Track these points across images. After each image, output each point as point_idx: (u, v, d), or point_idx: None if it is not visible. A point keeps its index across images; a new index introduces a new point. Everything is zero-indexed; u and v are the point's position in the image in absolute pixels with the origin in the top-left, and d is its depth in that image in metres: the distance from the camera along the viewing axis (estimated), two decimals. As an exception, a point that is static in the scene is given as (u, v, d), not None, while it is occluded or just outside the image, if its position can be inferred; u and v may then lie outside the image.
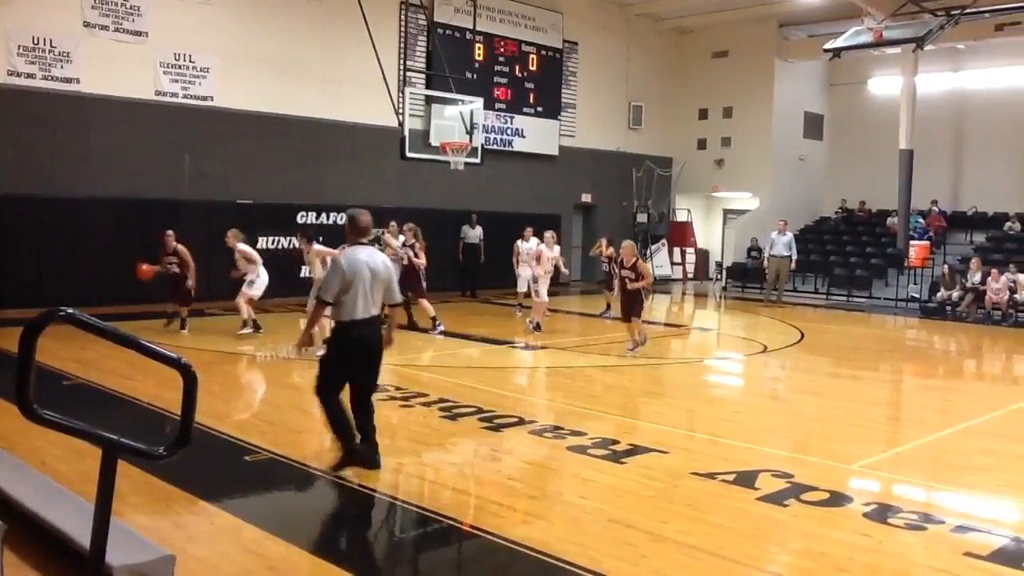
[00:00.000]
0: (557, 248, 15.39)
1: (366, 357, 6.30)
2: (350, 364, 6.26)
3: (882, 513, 5.76)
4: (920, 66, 22.02)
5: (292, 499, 6.25)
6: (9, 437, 6.47)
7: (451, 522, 5.47)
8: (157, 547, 3.12)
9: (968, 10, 18.91)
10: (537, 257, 14.78)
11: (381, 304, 6.41)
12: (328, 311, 6.52)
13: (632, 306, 11.98)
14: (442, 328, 13.54)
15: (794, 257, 20.16)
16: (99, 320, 2.94)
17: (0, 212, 14.24)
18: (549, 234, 15.27)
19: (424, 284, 13.99)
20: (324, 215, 18.29)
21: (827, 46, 21.29)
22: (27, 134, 14.80)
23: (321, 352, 6.82)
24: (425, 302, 13.81)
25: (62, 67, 15.19)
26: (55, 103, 15.08)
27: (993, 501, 6.33)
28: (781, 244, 19.96)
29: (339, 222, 18.57)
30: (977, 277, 18.74)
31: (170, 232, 12.81)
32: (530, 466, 6.88)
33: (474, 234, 19.99)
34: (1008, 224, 22.00)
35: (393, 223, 14.56)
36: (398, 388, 9.25)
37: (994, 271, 18.50)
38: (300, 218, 17.83)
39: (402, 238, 14.13)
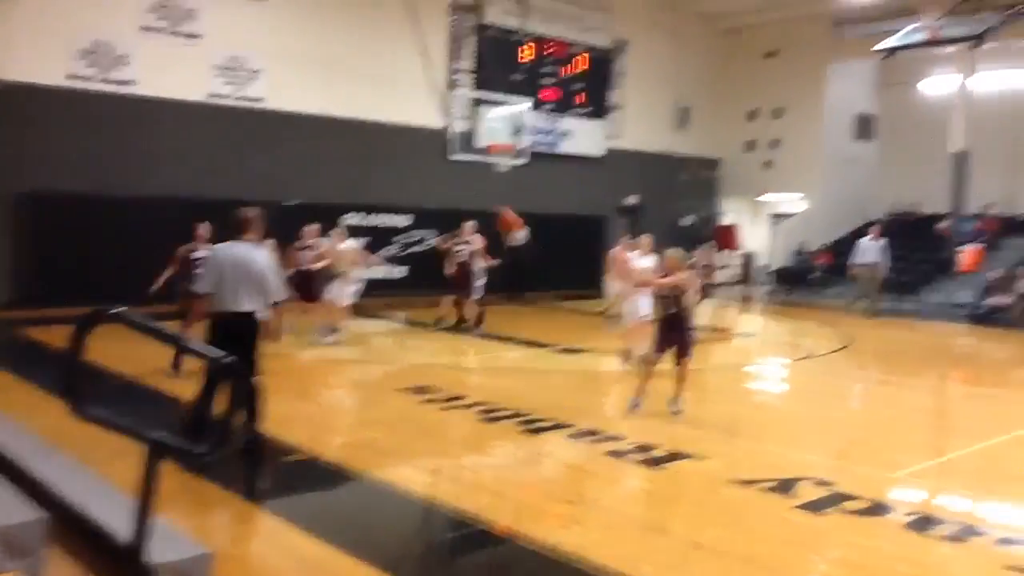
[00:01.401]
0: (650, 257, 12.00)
1: (233, 350, 6.31)
2: None
3: (924, 524, 5.69)
4: (977, 65, 21.56)
5: (330, 500, 6.34)
6: (54, 433, 6.66)
7: (485, 526, 5.51)
8: (195, 545, 3.20)
9: (1029, 7, 18.48)
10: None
11: (265, 298, 6.40)
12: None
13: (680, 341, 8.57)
14: (481, 331, 13.62)
15: (887, 265, 19.11)
16: (148, 319, 3.03)
17: (61, 210, 14.62)
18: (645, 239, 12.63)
19: (476, 285, 14.07)
20: (370, 215, 18.46)
21: (880, 46, 20.96)
22: (84, 135, 15.16)
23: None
24: (470, 303, 13.92)
25: (119, 69, 15.56)
26: (112, 105, 15.42)
27: (1039, 514, 6.23)
28: (873, 251, 19.13)
29: (383, 223, 18.82)
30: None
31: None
32: (568, 470, 6.91)
33: (519, 236, 20.02)
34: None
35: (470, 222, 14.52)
36: (438, 389, 9.33)
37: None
38: (346, 219, 18.05)
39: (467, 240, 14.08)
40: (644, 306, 10.56)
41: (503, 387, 10.19)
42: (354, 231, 14.83)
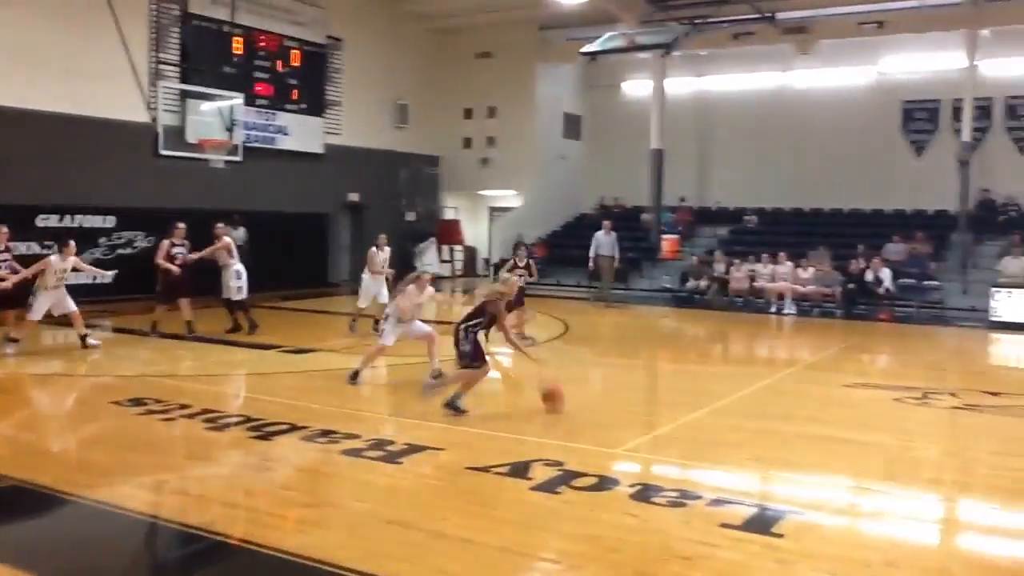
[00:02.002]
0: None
1: None
2: None
3: (646, 493, 6.08)
4: (668, 71, 23.57)
5: (42, 529, 5.71)
6: None
7: (220, 538, 5.21)
8: None
9: (709, 20, 20.40)
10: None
11: None
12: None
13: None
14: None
15: (616, 256, 20.38)
16: None
17: None
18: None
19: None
20: (68, 217, 16.97)
21: (584, 49, 22.25)
22: None
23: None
24: (162, 309, 13.26)
25: None
26: None
27: (742, 474, 6.84)
28: (607, 244, 20.17)
29: (87, 225, 17.35)
30: (721, 267, 20.32)
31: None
32: (303, 473, 6.71)
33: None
34: (747, 218, 23.91)
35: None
36: (157, 401, 8.73)
37: (736, 261, 20.17)
38: (41, 221, 16.47)
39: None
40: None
41: (229, 393, 9.73)
42: (52, 233, 13.57)
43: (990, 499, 6.36)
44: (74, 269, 12.34)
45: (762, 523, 5.50)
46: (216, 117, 19.50)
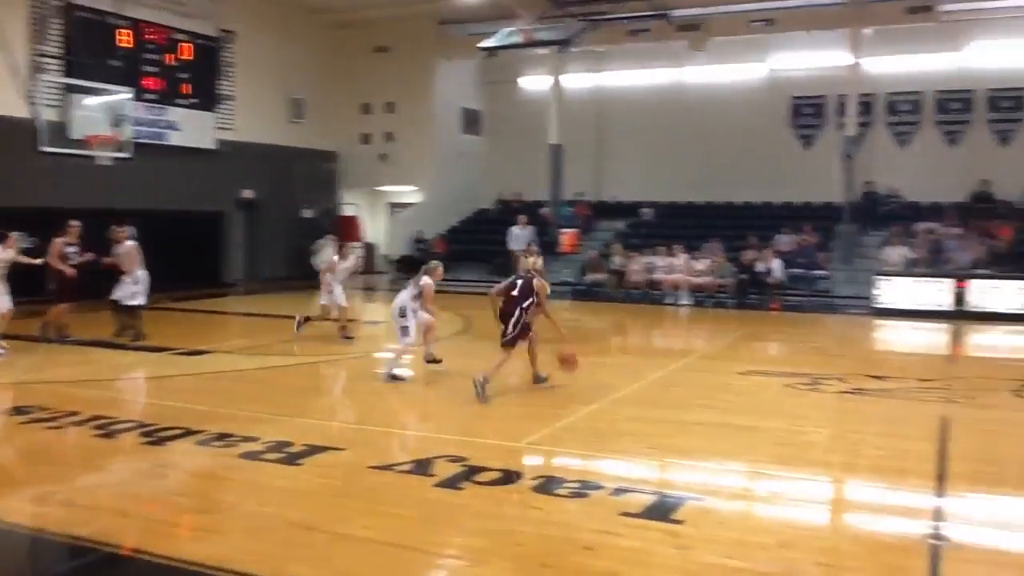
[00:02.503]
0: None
1: None
2: None
3: (548, 486, 6.13)
4: (566, 67, 23.79)
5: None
6: None
7: (111, 549, 5.03)
8: None
9: (606, 16, 20.68)
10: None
11: None
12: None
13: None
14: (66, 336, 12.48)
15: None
16: None
17: None
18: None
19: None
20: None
21: (482, 45, 22.26)
22: None
23: None
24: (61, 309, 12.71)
25: None
26: None
27: (642, 463, 6.98)
28: (521, 238, 20.16)
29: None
30: (619, 260, 20.63)
31: None
32: (199, 479, 6.53)
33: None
34: (643, 211, 24.33)
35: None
36: (43, 408, 8.36)
37: (633, 255, 20.52)
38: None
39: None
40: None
41: (120, 398, 9.40)
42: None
43: (876, 479, 6.63)
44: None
45: (662, 510, 5.62)
46: (103, 112, 18.78)
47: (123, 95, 19.10)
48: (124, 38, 19.74)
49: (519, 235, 20.30)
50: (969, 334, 15.36)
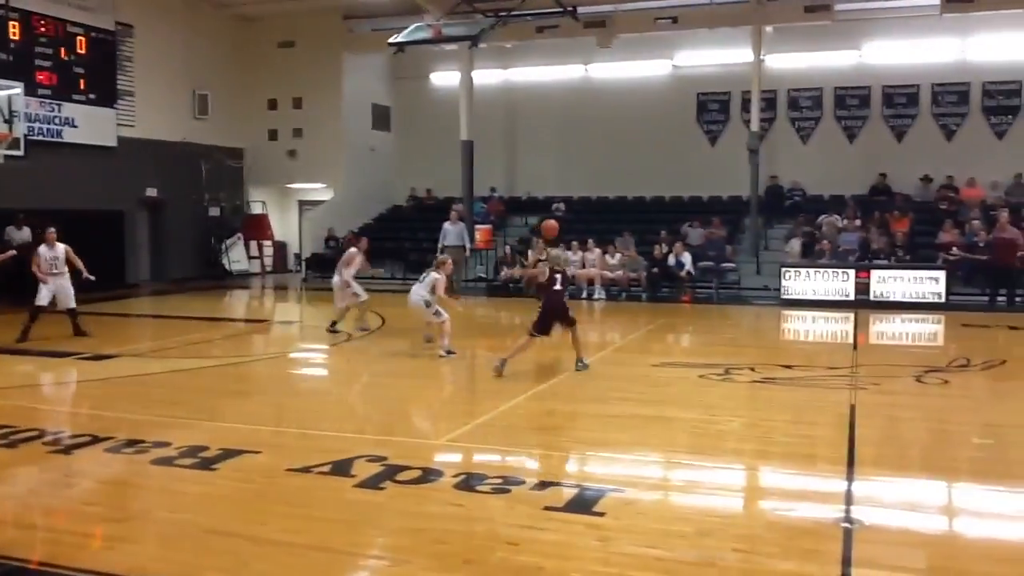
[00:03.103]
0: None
1: None
2: None
3: (470, 482, 6.11)
4: (476, 63, 23.76)
5: None
6: None
7: (18, 563, 4.82)
8: None
9: (514, 13, 20.72)
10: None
11: None
12: None
13: None
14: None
15: (468, 246, 20.34)
16: None
17: None
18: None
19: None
20: None
21: (391, 40, 22.04)
22: None
23: None
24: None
25: None
26: None
27: (561, 456, 7.03)
28: (454, 234, 20.01)
29: None
30: (532, 256, 20.70)
31: None
32: (109, 487, 6.31)
33: (21, 236, 17.84)
34: (555, 207, 24.49)
35: None
36: (-63, 418, 7.97)
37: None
38: None
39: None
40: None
41: (22, 406, 8.99)
42: None
43: (788, 466, 6.81)
44: None
45: (583, 503, 5.66)
46: (-8, 108, 17.97)
47: (14, 90, 18.29)
48: (14, 31, 18.93)
49: (451, 231, 20.17)
50: (872, 323, 15.92)
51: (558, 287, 10.43)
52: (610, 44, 22.98)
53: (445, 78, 26.30)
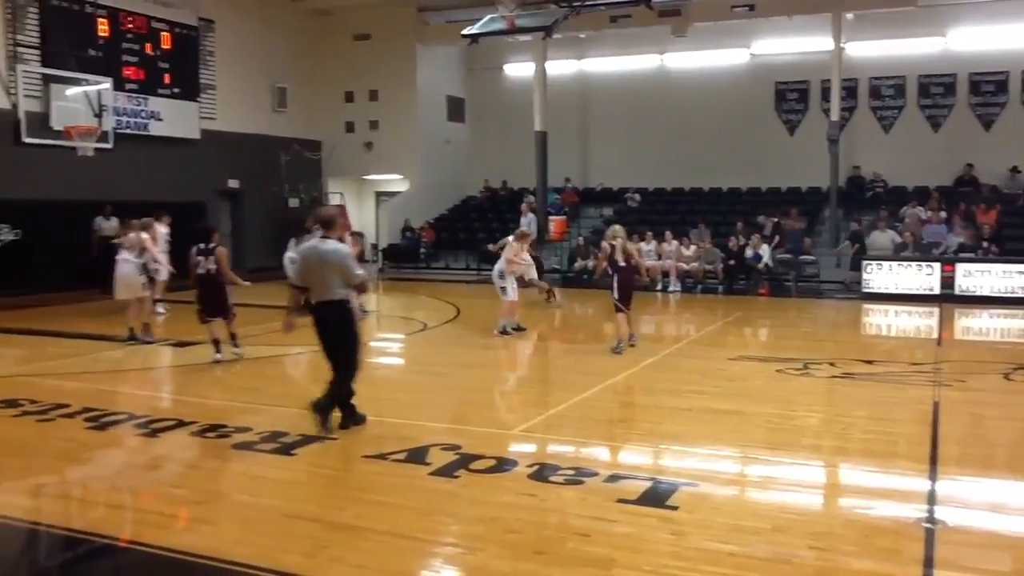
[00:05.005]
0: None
1: None
2: None
3: (543, 473, 6.13)
4: (549, 53, 23.70)
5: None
6: None
7: (106, 540, 5.00)
8: None
9: (588, 3, 20.61)
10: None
11: None
12: None
13: None
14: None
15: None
16: None
17: None
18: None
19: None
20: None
21: (464, 32, 22.12)
22: None
23: None
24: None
25: None
26: None
27: (636, 449, 6.99)
28: (523, 226, 20.16)
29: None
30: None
31: None
32: (193, 470, 6.50)
33: (109, 226, 18.42)
34: (628, 196, 24.33)
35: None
36: (33, 401, 8.30)
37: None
38: None
39: None
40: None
41: (111, 390, 9.32)
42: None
43: (867, 463, 6.66)
44: None
45: (656, 496, 5.63)
46: (83, 102, 18.57)
47: (103, 85, 18.90)
48: (102, 27, 19.52)
49: (521, 222, 20.33)
50: (957, 318, 15.45)
51: (622, 264, 11.30)
52: (685, 33, 22.68)
53: (519, 69, 26.28)
